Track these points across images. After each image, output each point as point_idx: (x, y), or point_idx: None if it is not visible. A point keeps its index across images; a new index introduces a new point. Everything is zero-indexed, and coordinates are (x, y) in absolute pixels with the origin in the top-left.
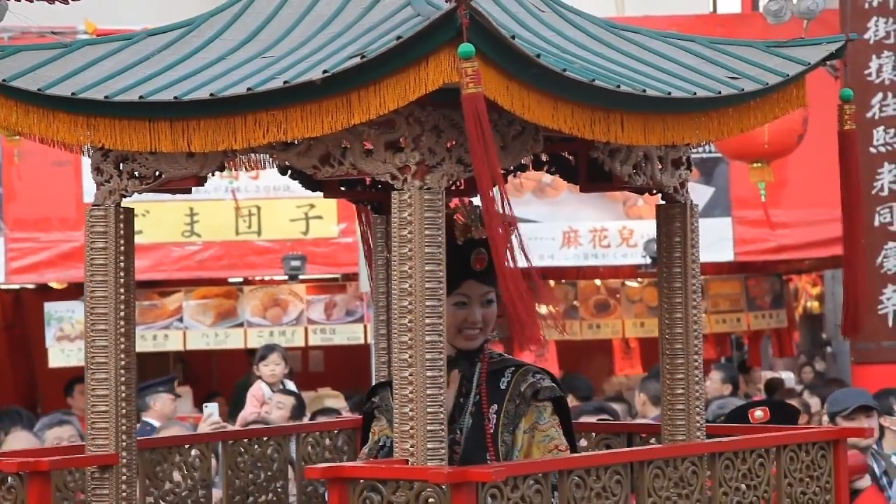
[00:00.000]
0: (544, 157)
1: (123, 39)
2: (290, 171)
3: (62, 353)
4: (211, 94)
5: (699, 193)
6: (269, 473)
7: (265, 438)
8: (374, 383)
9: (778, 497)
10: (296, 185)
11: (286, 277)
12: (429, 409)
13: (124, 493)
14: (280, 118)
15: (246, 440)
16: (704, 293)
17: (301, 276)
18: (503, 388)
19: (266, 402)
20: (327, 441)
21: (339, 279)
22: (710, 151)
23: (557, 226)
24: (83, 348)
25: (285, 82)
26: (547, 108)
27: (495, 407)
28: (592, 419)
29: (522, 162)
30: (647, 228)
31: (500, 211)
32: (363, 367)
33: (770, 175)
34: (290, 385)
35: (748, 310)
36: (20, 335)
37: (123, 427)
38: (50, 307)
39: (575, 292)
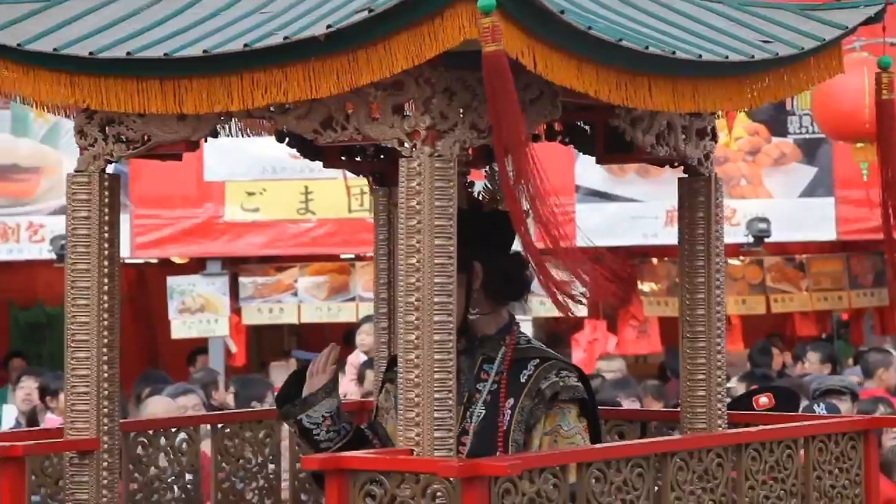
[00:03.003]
0: (557, 127)
1: None
2: (287, 139)
3: (184, 325)
4: (204, 51)
5: (802, 173)
6: (261, 459)
7: (259, 422)
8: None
9: (806, 490)
10: None
11: None
12: (436, 395)
13: (105, 481)
14: (279, 78)
15: (237, 424)
16: (806, 271)
17: None
18: (523, 381)
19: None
20: None
21: None
22: (813, 132)
23: (661, 205)
24: (203, 320)
25: (285, 38)
26: (570, 68)
27: (511, 401)
28: None
29: (535, 133)
30: (749, 208)
31: (524, 181)
32: None
33: (873, 154)
34: None
35: (850, 288)
36: (143, 307)
37: (105, 410)
38: (172, 281)
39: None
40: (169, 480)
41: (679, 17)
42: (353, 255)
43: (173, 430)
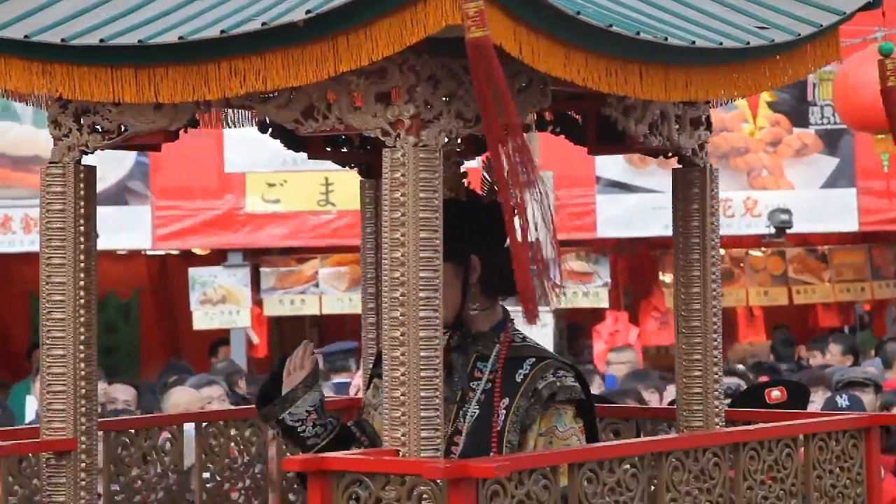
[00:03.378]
0: (548, 117)
1: None
2: (270, 129)
3: (206, 316)
4: (180, 38)
5: (824, 164)
6: (248, 458)
7: (244, 420)
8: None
9: (806, 490)
10: None
11: None
12: (423, 394)
13: (83, 483)
14: (258, 65)
15: (221, 422)
16: (829, 262)
17: None
18: (519, 380)
19: None
20: None
21: None
22: (834, 123)
23: None
24: (225, 311)
25: (263, 24)
26: (558, 55)
27: (507, 401)
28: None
29: (526, 122)
30: (771, 199)
31: (519, 171)
32: None
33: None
34: None
35: (872, 279)
36: (165, 298)
37: (83, 409)
38: (194, 272)
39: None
40: (152, 482)
41: (671, 3)
42: None
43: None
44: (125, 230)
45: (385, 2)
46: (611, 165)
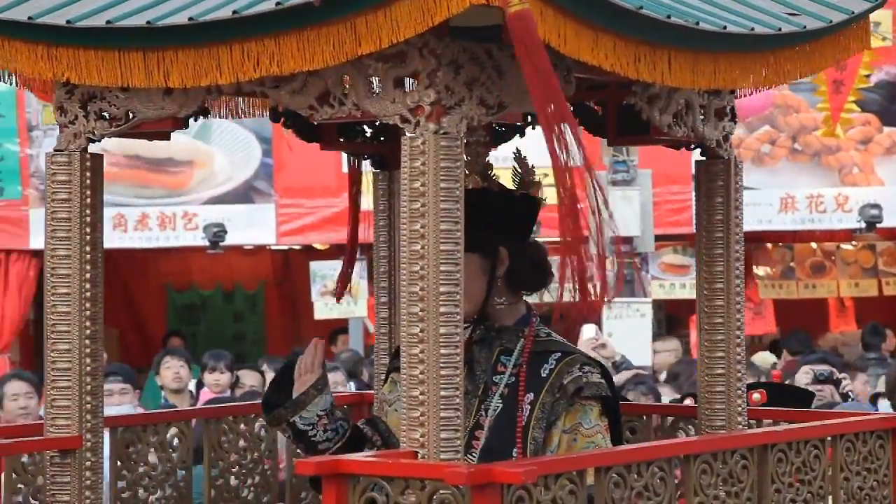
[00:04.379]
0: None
1: None
2: (282, 119)
3: (325, 307)
4: (190, 19)
5: None
6: (257, 454)
7: (254, 416)
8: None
9: (833, 492)
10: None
11: None
12: (443, 393)
13: (88, 481)
14: (272, 48)
15: (231, 417)
16: None
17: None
18: (544, 375)
19: None
20: None
21: None
22: None
23: (775, 192)
24: (343, 302)
25: (278, 3)
26: (586, 39)
27: (531, 396)
28: (819, 367)
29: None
30: (862, 195)
31: (568, 156)
32: None
33: None
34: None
35: None
36: (288, 290)
37: (88, 406)
38: (315, 266)
39: (792, 255)
40: (160, 478)
41: None
42: None
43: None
44: (251, 227)
45: None
46: None
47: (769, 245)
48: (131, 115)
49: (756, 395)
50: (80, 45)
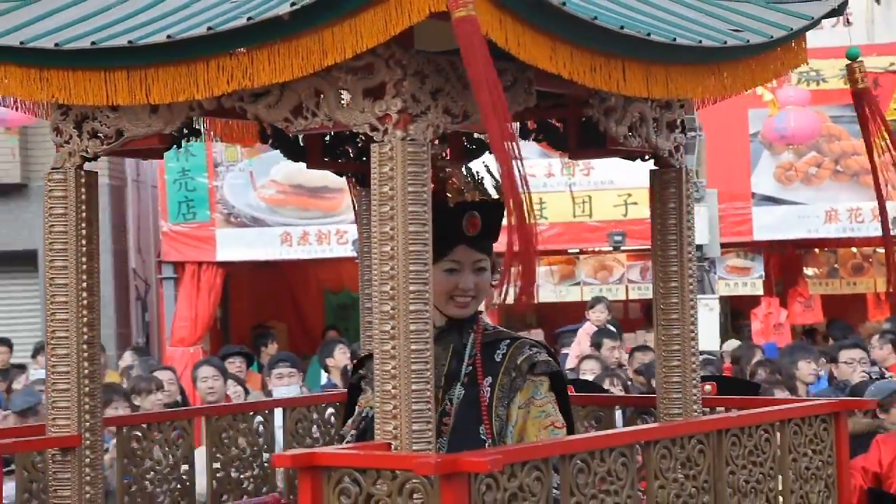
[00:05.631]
0: (531, 126)
1: None
2: (271, 140)
3: None
4: (168, 37)
5: None
6: (255, 448)
7: (252, 413)
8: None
9: (782, 472)
10: (618, 178)
11: (611, 248)
12: (414, 387)
13: (88, 477)
14: (245, 62)
15: (230, 414)
16: None
17: (622, 248)
18: (498, 360)
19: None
20: (315, 415)
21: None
22: None
23: (821, 206)
24: None
25: (249, 18)
26: (544, 48)
27: (489, 379)
28: (852, 353)
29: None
30: (894, 208)
31: (513, 162)
32: None
33: None
34: (612, 328)
35: None
36: None
37: (87, 406)
38: None
39: (836, 258)
40: (164, 472)
41: (650, 7)
42: (577, 250)
43: (168, 423)
44: None
45: None
46: (764, 183)
47: (816, 250)
48: (121, 133)
49: (707, 387)
50: (69, 66)
